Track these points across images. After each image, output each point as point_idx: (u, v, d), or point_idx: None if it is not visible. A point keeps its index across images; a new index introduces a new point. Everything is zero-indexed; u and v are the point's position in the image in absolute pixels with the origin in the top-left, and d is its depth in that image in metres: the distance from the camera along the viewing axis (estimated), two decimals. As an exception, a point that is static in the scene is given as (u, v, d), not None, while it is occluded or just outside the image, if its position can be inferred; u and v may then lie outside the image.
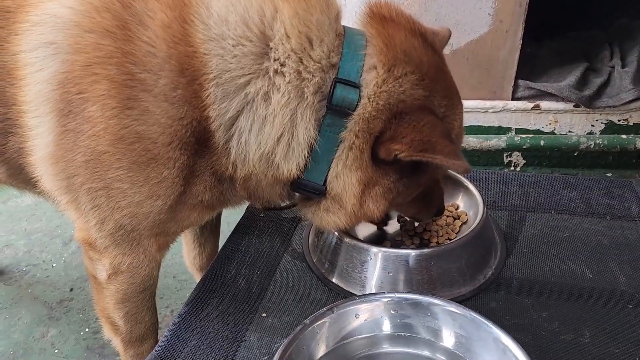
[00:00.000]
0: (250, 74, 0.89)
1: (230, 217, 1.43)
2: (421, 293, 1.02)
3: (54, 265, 1.90)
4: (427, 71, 0.94)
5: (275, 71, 0.89)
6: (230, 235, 1.34)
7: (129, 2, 0.89)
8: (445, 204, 1.26)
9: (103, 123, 0.89)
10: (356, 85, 0.91)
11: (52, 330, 1.64)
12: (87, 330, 1.63)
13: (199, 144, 0.92)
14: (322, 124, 0.92)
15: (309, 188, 0.97)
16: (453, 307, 0.95)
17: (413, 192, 1.06)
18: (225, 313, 1.10)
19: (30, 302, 1.76)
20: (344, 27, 0.96)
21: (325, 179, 0.97)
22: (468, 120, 2.22)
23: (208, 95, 0.89)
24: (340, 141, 0.93)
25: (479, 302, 1.10)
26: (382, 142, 0.92)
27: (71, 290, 1.77)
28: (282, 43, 0.89)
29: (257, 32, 0.89)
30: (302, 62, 0.89)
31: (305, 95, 0.90)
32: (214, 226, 1.49)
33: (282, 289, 1.17)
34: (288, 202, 1.12)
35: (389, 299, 0.98)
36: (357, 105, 0.91)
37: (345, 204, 0.98)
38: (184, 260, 1.55)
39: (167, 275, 1.79)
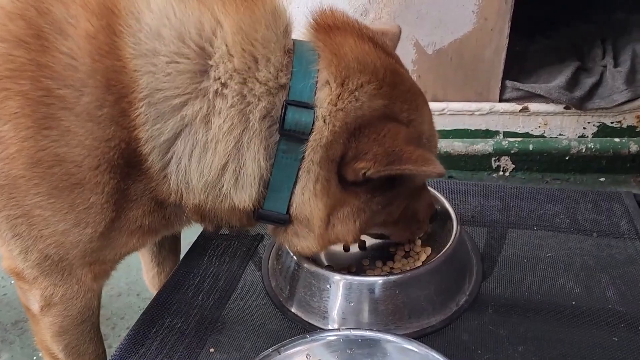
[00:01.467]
0: (186, 94, 0.80)
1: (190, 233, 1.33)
2: (382, 328, 0.93)
3: (12, 282, 1.79)
4: (383, 77, 0.86)
5: (216, 92, 0.80)
6: (183, 258, 1.24)
7: (47, 8, 0.79)
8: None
9: (17, 145, 0.79)
10: (309, 106, 0.83)
11: (4, 355, 1.54)
12: (40, 354, 1.53)
13: (129, 167, 0.84)
14: (277, 150, 0.84)
15: (271, 218, 0.90)
16: (412, 346, 0.85)
17: (396, 209, 0.98)
18: (168, 348, 1.00)
19: (-17, 323, 1.66)
20: (294, 41, 0.88)
21: (289, 206, 0.89)
22: (454, 123, 2.12)
23: (138, 115, 0.80)
24: (300, 169, 0.85)
25: (449, 334, 1.00)
26: (346, 164, 0.85)
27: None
28: (224, 62, 0.80)
29: (194, 48, 0.80)
30: (246, 84, 0.81)
31: (251, 123, 0.82)
32: (172, 244, 1.40)
33: (236, 318, 1.07)
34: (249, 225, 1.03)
35: (343, 337, 0.88)
36: (312, 128, 0.83)
37: (315, 230, 0.91)
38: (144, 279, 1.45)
39: (130, 294, 1.70)
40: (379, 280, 1.01)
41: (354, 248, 1.20)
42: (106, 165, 0.81)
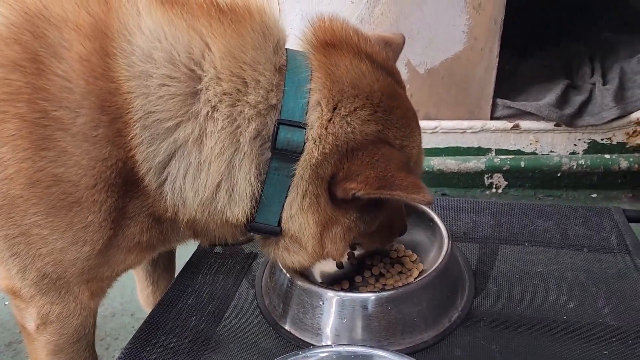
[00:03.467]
0: (178, 116, 0.81)
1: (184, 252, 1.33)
2: (375, 344, 0.93)
3: (6, 303, 1.79)
4: (379, 102, 0.86)
5: (207, 115, 0.82)
6: (177, 276, 1.24)
7: (42, 32, 0.81)
8: (396, 244, 1.20)
9: (15, 166, 0.81)
10: (301, 126, 0.84)
11: (-3, 377, 1.53)
12: (33, 376, 1.52)
13: (127, 185, 0.85)
14: (269, 167, 0.86)
15: (262, 230, 0.92)
16: (404, 362, 0.85)
17: (374, 226, 0.99)
18: (162, 367, 1.00)
19: (-23, 344, 1.65)
20: (288, 54, 0.88)
21: (280, 220, 0.90)
22: (446, 141, 2.14)
23: (133, 137, 0.81)
24: (290, 185, 0.86)
25: (442, 350, 1.01)
26: (337, 182, 0.86)
27: (20, 332, 1.66)
28: (213, 85, 0.81)
29: (185, 71, 0.81)
30: (235, 107, 0.82)
31: (241, 144, 0.83)
32: (167, 262, 1.40)
33: (230, 337, 1.07)
34: (243, 239, 1.04)
35: (336, 353, 0.88)
36: (303, 147, 0.84)
37: (305, 245, 0.92)
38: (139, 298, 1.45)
39: (124, 314, 1.69)
40: (371, 296, 1.02)
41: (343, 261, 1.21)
42: (103, 184, 0.83)
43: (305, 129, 0.84)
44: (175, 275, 1.29)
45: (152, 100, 0.80)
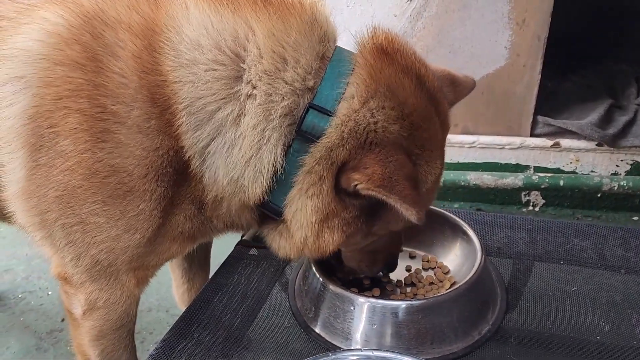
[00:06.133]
0: (221, 99, 0.85)
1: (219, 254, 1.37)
2: (404, 352, 0.94)
3: (50, 293, 1.87)
4: (409, 113, 0.87)
5: (247, 94, 0.86)
6: (213, 275, 1.28)
7: (99, 33, 0.87)
8: (430, 255, 1.19)
9: (76, 157, 0.87)
10: (330, 113, 0.86)
11: (37, 363, 1.60)
12: (72, 364, 1.58)
13: (177, 174, 0.90)
14: (290, 149, 0.88)
15: (270, 210, 0.93)
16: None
17: (367, 238, 0.99)
18: (196, 361, 1.03)
19: (21, 330, 1.73)
20: (337, 50, 0.91)
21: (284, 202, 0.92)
22: (483, 156, 2.13)
23: (180, 125, 0.86)
24: (301, 165, 0.87)
25: (471, 362, 1.01)
26: (345, 170, 0.87)
27: (62, 320, 1.73)
28: (255, 64, 0.85)
29: (230, 55, 0.86)
30: (273, 84, 0.85)
31: (272, 118, 0.86)
32: (203, 261, 1.45)
33: (261, 336, 1.10)
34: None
35: (365, 357, 0.90)
36: (324, 134, 0.86)
37: (293, 231, 0.93)
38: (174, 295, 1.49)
39: (159, 309, 1.74)
40: (402, 304, 1.03)
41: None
42: (154, 174, 0.88)
43: (330, 117, 0.86)
44: (210, 275, 1.33)
45: (198, 85, 0.85)
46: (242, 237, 1.40)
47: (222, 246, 1.35)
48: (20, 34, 0.88)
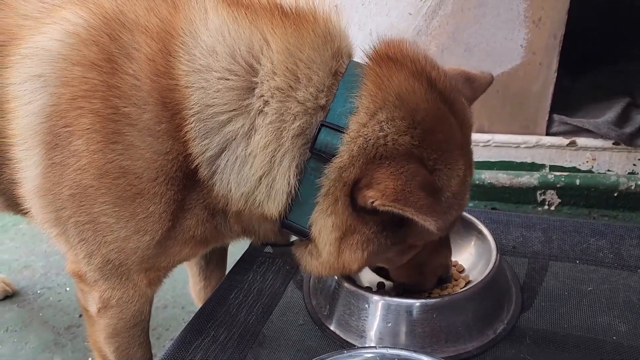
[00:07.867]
0: (232, 110, 0.85)
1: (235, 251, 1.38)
2: (418, 350, 0.94)
3: (68, 289, 1.89)
4: (421, 119, 0.85)
5: (259, 110, 0.85)
6: (229, 273, 1.29)
7: (117, 34, 0.88)
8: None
9: (88, 157, 0.87)
10: (342, 130, 0.84)
11: (56, 358, 1.62)
12: (90, 359, 1.61)
13: (187, 178, 0.90)
14: (307, 168, 0.87)
15: (293, 229, 0.93)
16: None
17: (403, 253, 0.97)
18: (212, 357, 1.04)
19: (39, 326, 1.75)
20: (350, 65, 0.90)
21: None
22: (499, 154, 2.12)
23: (189, 130, 0.86)
24: (319, 187, 0.87)
25: (485, 361, 1.01)
26: (359, 188, 0.85)
27: (80, 316, 1.75)
28: (267, 80, 0.85)
29: (243, 65, 0.85)
30: (285, 103, 0.84)
31: (284, 140, 0.85)
32: (219, 259, 1.46)
33: (276, 333, 1.11)
34: (284, 239, 1.06)
35: (380, 355, 0.90)
36: (338, 151, 0.84)
37: (321, 250, 0.92)
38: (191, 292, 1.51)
39: (175, 306, 1.76)
40: (416, 302, 1.03)
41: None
42: (164, 177, 0.88)
43: (342, 133, 0.84)
44: (227, 272, 1.34)
45: (209, 93, 0.84)
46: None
47: (238, 243, 1.36)
48: (41, 33, 0.89)
